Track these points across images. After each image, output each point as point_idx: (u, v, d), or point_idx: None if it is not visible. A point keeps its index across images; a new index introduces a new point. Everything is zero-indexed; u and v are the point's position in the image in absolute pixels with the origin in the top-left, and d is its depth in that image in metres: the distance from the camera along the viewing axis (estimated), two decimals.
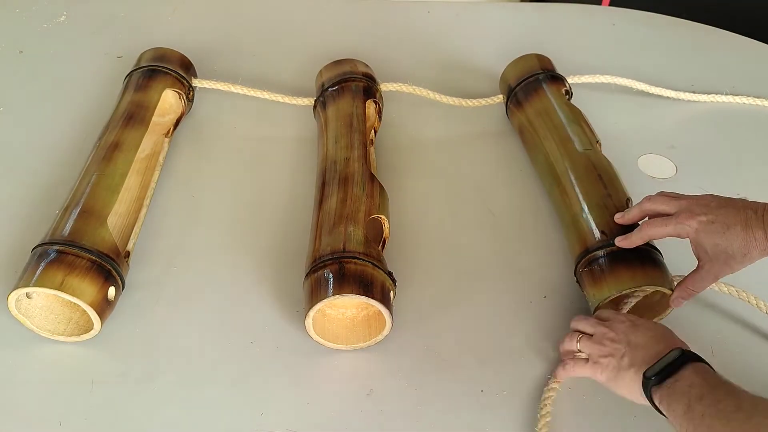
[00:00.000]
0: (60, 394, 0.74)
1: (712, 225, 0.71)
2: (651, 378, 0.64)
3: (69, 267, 0.74)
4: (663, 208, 0.76)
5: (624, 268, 0.78)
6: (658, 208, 0.77)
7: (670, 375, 0.63)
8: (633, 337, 0.69)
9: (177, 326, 0.81)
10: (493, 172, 1.02)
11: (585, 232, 0.83)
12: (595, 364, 0.70)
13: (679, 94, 1.13)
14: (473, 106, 1.10)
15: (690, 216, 0.73)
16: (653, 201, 0.78)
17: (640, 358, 0.66)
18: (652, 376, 0.64)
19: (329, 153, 0.92)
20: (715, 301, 0.84)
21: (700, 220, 0.72)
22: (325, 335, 0.77)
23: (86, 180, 0.85)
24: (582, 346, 0.72)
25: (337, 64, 1.07)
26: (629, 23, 1.34)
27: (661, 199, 0.77)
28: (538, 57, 1.07)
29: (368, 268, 0.76)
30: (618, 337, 0.69)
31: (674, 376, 0.62)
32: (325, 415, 0.73)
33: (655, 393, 0.63)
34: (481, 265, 0.88)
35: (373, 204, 0.84)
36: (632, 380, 0.66)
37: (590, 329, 0.73)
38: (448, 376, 0.77)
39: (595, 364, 0.70)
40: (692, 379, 0.62)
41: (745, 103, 1.12)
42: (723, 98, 1.11)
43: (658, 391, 0.63)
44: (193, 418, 0.73)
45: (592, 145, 0.93)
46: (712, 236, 0.71)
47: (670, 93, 1.13)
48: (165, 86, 1.01)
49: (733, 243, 0.70)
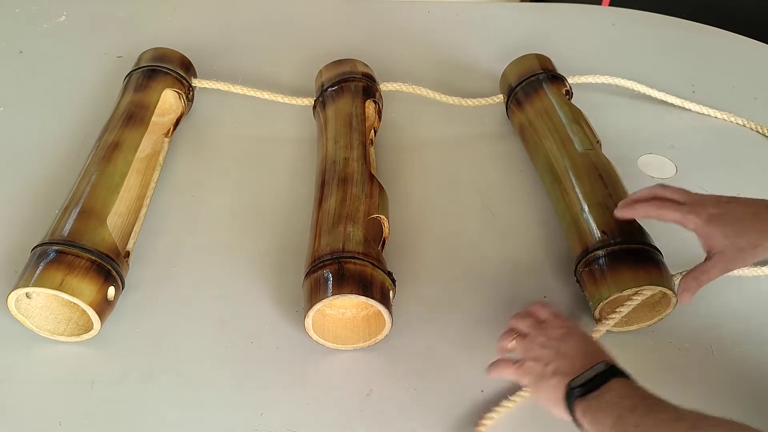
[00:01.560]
0: (60, 394, 0.74)
1: (721, 217, 0.71)
2: (575, 389, 0.62)
3: (68, 267, 0.74)
4: (675, 196, 0.76)
5: (625, 268, 0.78)
6: (669, 195, 0.77)
7: (596, 388, 0.61)
8: (563, 346, 0.67)
9: (177, 326, 0.81)
10: (493, 172, 1.02)
11: (585, 231, 0.83)
12: (520, 367, 0.69)
13: (685, 102, 1.11)
14: (473, 106, 1.10)
15: (701, 206, 0.73)
16: (666, 188, 0.77)
17: (566, 368, 0.64)
18: (576, 387, 0.62)
19: (329, 153, 0.92)
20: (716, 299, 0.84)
21: (710, 212, 0.72)
22: (324, 335, 0.77)
23: (86, 180, 0.85)
24: (513, 345, 0.71)
25: (336, 64, 1.07)
26: (629, 23, 1.34)
27: (675, 189, 0.77)
28: (538, 57, 1.07)
29: (368, 268, 0.76)
30: (549, 343, 0.68)
31: (600, 389, 0.61)
32: (325, 415, 0.73)
33: (578, 405, 0.61)
34: (481, 265, 0.88)
35: (372, 204, 0.84)
36: (554, 389, 0.64)
37: (525, 329, 0.71)
38: (448, 376, 0.77)
39: (519, 367, 0.69)
40: (621, 390, 0.60)
41: (739, 123, 1.09)
42: (720, 114, 1.09)
43: (582, 403, 0.61)
44: (193, 418, 0.73)
45: (593, 145, 0.93)
46: (722, 227, 0.71)
47: (672, 99, 1.11)
48: (165, 86, 1.01)
49: (743, 235, 0.70)
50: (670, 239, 0.81)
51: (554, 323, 0.71)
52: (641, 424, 0.56)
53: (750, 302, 0.85)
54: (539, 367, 0.67)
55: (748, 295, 0.86)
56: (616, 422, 0.58)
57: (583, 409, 0.61)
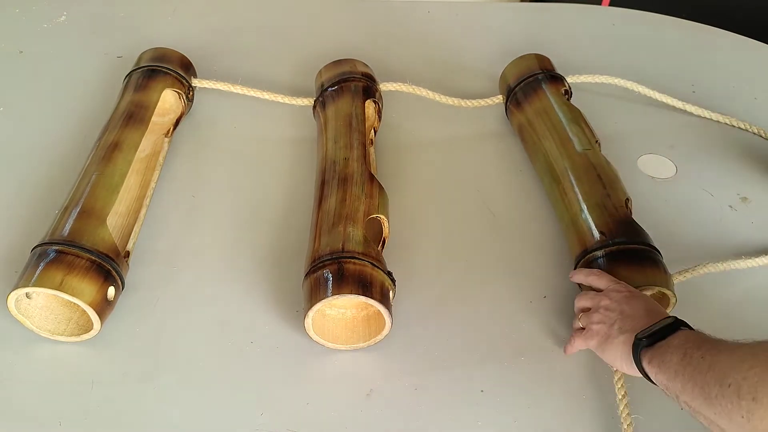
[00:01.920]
0: (60, 394, 0.74)
1: None
2: (642, 339, 0.64)
3: (68, 267, 0.74)
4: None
5: (623, 268, 0.78)
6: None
7: (663, 338, 0.63)
8: (627, 306, 0.69)
9: (177, 326, 0.81)
10: (493, 172, 1.02)
11: (584, 232, 0.83)
12: (588, 332, 0.71)
13: (687, 105, 1.10)
14: (472, 107, 1.10)
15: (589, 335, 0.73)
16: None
17: (631, 326, 0.67)
18: (643, 337, 0.64)
19: (328, 153, 0.92)
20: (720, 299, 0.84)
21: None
22: (324, 335, 0.77)
23: (86, 180, 0.85)
24: (581, 320, 0.74)
25: (336, 64, 1.07)
26: (629, 23, 1.34)
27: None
28: (537, 57, 1.07)
29: (367, 268, 0.76)
30: (612, 305, 0.70)
31: (668, 339, 0.63)
32: (325, 415, 0.73)
33: (645, 354, 0.63)
34: (481, 265, 0.88)
35: (372, 204, 0.84)
36: (622, 344, 0.67)
37: (589, 303, 0.74)
38: (448, 376, 0.77)
39: (587, 332, 0.71)
40: (688, 335, 0.62)
41: (741, 128, 1.09)
42: (722, 118, 1.09)
43: (649, 352, 0.63)
44: (193, 418, 0.73)
45: (592, 145, 0.93)
46: None
47: (673, 101, 1.10)
48: (165, 86, 1.01)
49: None
50: (671, 231, 0.81)
51: (615, 287, 0.73)
52: (707, 354, 0.58)
53: (749, 297, 0.85)
54: (605, 329, 0.69)
55: (744, 289, 0.86)
56: (683, 358, 0.59)
57: (650, 356, 0.63)
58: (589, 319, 0.72)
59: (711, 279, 0.85)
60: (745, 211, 0.96)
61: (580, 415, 0.73)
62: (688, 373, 0.58)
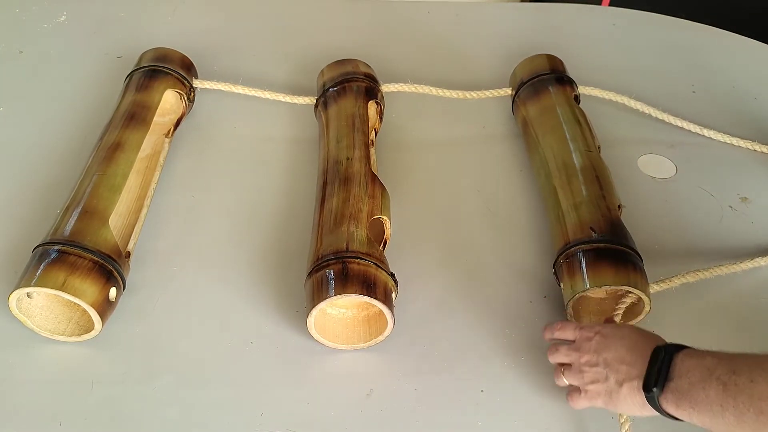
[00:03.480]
0: (60, 394, 0.74)
1: None
2: (653, 390, 0.61)
3: (71, 267, 0.74)
4: None
5: (606, 265, 0.77)
6: None
7: (670, 376, 0.61)
8: (606, 354, 0.67)
9: (177, 326, 0.81)
10: (493, 172, 1.02)
11: (571, 226, 0.83)
12: (588, 393, 0.68)
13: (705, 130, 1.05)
14: (477, 98, 1.09)
15: None
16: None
17: (625, 373, 0.64)
18: (652, 387, 0.61)
19: (331, 153, 0.92)
20: None
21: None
22: (325, 335, 0.77)
23: (87, 180, 0.85)
24: (567, 379, 0.71)
25: (338, 64, 1.07)
26: (629, 23, 1.34)
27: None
28: (552, 57, 1.08)
29: (371, 268, 0.76)
30: (592, 359, 0.68)
31: (674, 372, 0.60)
32: (325, 415, 0.73)
33: (666, 401, 0.61)
34: (482, 265, 0.88)
35: (375, 204, 0.84)
36: (630, 396, 0.64)
37: (565, 359, 0.71)
38: (448, 376, 0.77)
39: (588, 394, 0.68)
40: (699, 363, 0.60)
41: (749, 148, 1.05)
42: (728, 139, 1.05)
43: (669, 397, 0.60)
44: (193, 418, 0.73)
45: (591, 148, 0.92)
46: None
47: (689, 125, 1.06)
48: (166, 86, 1.01)
49: None
50: (670, 239, 0.81)
51: (583, 336, 0.70)
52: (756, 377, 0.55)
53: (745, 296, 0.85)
54: (602, 387, 0.66)
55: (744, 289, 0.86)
56: (724, 390, 0.56)
57: (675, 401, 0.60)
58: (582, 380, 0.69)
59: (711, 279, 0.85)
60: (745, 211, 0.96)
61: (580, 415, 0.73)
62: (743, 404, 0.55)
